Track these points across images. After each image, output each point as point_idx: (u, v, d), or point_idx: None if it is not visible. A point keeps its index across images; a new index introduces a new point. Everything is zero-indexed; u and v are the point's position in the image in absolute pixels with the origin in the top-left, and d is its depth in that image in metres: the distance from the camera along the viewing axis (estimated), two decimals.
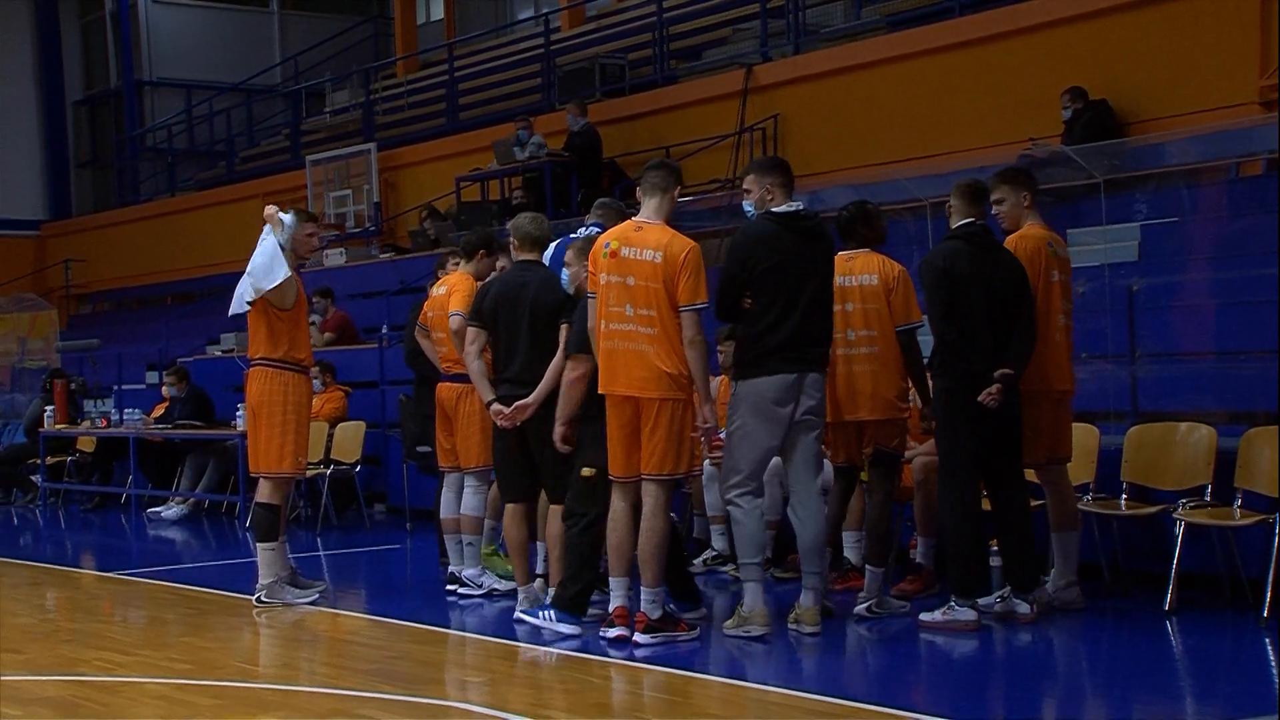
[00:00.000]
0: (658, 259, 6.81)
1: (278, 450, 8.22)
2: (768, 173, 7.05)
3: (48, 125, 26.35)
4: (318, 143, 22.00)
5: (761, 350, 6.86)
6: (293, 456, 8.21)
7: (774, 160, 7.25)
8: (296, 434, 8.21)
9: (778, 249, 6.88)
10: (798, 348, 6.84)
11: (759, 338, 6.87)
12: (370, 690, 6.27)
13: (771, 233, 6.93)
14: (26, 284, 24.33)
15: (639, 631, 6.85)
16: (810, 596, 6.94)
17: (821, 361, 6.96)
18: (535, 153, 16.27)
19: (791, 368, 6.84)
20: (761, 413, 6.84)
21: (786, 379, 6.83)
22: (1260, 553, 7.22)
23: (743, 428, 6.90)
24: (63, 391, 15.37)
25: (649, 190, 7.05)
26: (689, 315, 6.78)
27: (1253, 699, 5.76)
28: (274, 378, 8.21)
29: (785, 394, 6.83)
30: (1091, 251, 10.72)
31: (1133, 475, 7.88)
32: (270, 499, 8.29)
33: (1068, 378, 7.45)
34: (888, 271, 7.36)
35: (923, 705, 5.93)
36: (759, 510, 6.95)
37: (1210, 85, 11.88)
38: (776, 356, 6.83)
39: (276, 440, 8.21)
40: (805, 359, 6.87)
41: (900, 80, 14.17)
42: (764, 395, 6.83)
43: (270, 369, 8.23)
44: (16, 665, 6.95)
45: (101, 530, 13.67)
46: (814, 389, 6.90)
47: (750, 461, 6.89)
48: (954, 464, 7.09)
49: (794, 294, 6.84)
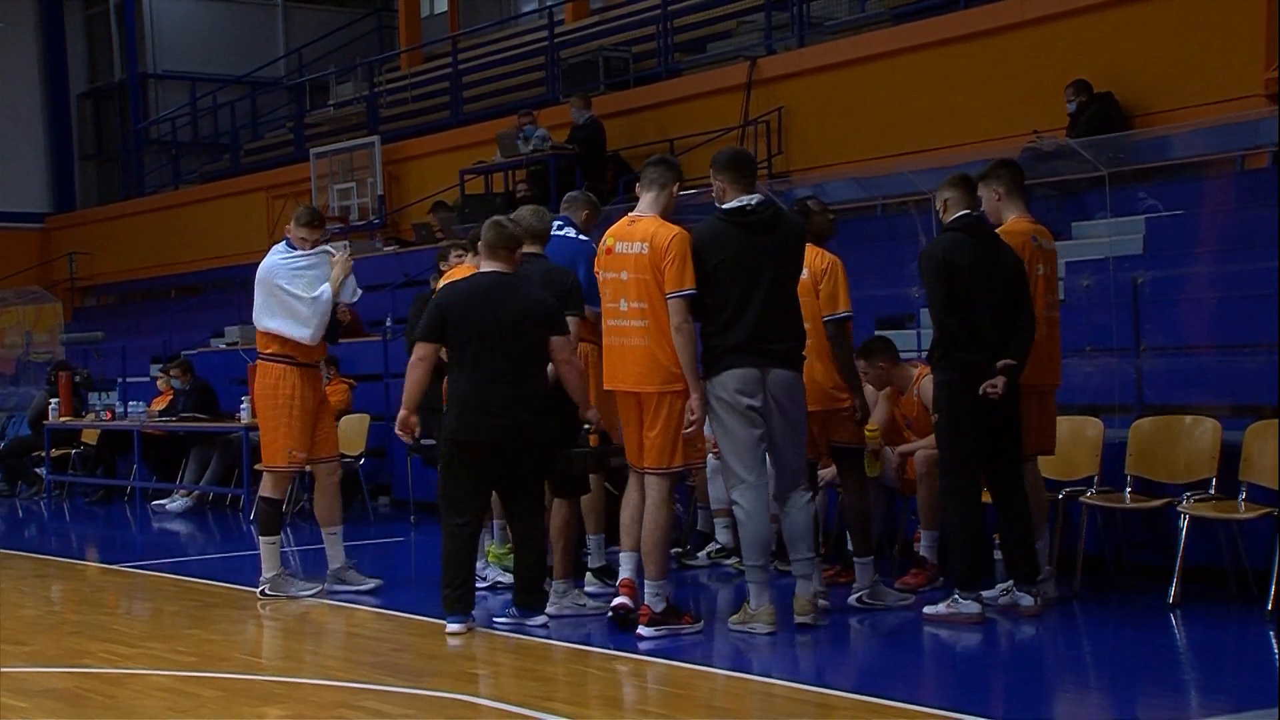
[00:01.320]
0: (644, 249, 6.92)
1: (271, 444, 8.30)
2: (721, 170, 7.01)
3: (52, 118, 26.35)
4: (322, 135, 22.00)
5: (720, 348, 6.85)
6: (285, 450, 8.25)
7: (729, 155, 7.11)
8: (289, 428, 8.23)
9: (726, 246, 6.84)
10: (756, 343, 6.79)
11: (716, 336, 6.87)
12: (375, 683, 6.28)
13: (720, 230, 6.91)
14: (31, 277, 24.34)
15: (643, 624, 6.89)
16: (802, 585, 6.94)
17: (787, 358, 6.85)
18: (539, 146, 16.26)
19: (750, 362, 6.79)
20: (730, 408, 6.81)
21: (748, 373, 6.79)
22: (1265, 546, 7.21)
23: (720, 426, 6.89)
24: (67, 384, 15.38)
25: (647, 185, 7.13)
26: (674, 302, 6.84)
27: (1257, 692, 5.75)
28: (270, 371, 8.30)
29: (747, 386, 6.79)
30: (1096, 245, 10.72)
31: (1137, 468, 7.88)
32: (269, 493, 8.35)
33: (1054, 372, 7.45)
34: (817, 264, 7.33)
35: (927, 699, 5.92)
36: (762, 507, 6.88)
37: (1215, 78, 11.86)
38: (734, 353, 6.80)
39: (270, 434, 8.31)
40: (765, 354, 6.80)
41: (905, 73, 14.15)
42: (727, 388, 6.80)
43: (269, 363, 8.32)
44: (22, 657, 6.96)
45: (106, 523, 13.68)
46: (779, 388, 6.82)
47: (739, 457, 6.85)
48: (956, 456, 7.08)
49: (747, 291, 6.80)
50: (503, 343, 7.08)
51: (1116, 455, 7.93)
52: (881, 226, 12.90)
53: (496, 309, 7.09)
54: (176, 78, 25.92)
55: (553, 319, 7.16)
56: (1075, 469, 7.99)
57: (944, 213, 7.22)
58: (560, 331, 7.16)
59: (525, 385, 7.10)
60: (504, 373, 7.08)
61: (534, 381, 7.15)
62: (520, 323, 7.08)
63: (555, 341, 7.12)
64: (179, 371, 14.39)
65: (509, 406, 7.07)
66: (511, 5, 25.66)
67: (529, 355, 7.12)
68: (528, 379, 7.12)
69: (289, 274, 8.32)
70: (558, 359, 7.14)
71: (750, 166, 7.12)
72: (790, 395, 6.87)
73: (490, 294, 7.15)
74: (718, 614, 7.43)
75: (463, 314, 7.17)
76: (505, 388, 7.06)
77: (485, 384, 7.09)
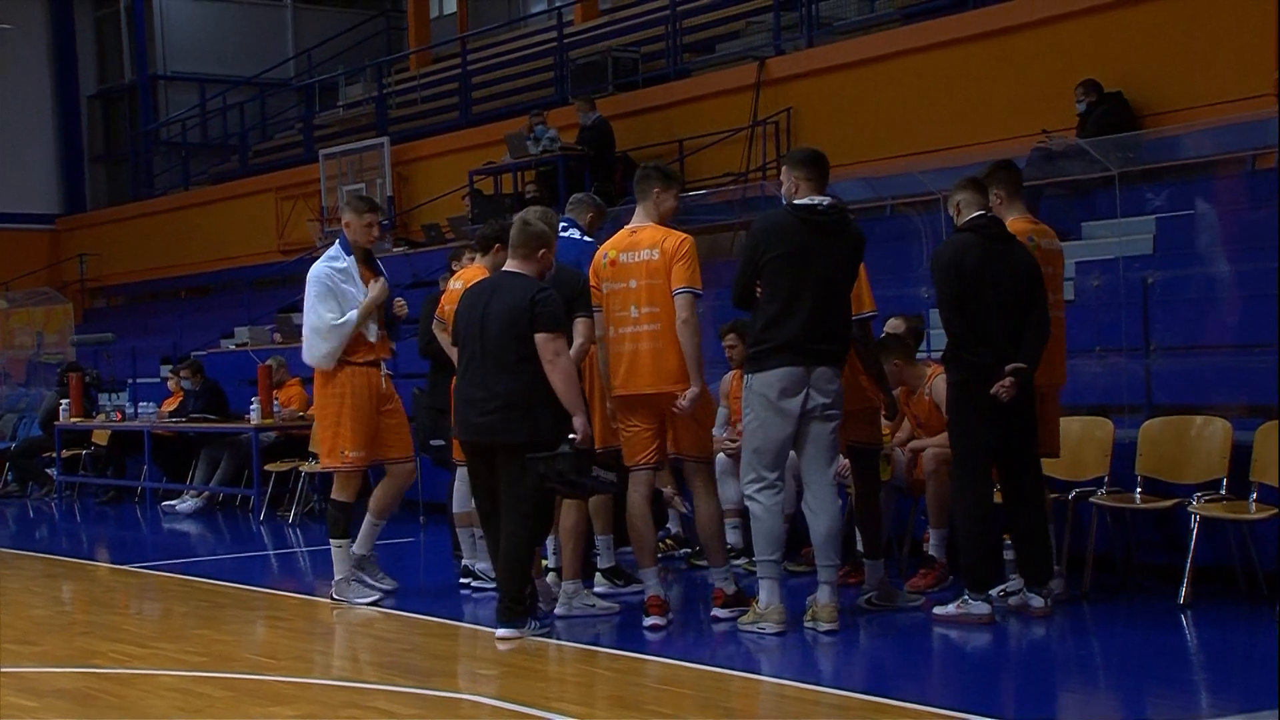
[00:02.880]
0: (654, 255, 7.07)
1: (330, 445, 8.15)
2: (796, 166, 7.06)
3: (62, 119, 26.41)
4: (331, 136, 22.03)
5: (768, 344, 6.86)
6: (338, 450, 8.08)
7: (806, 153, 7.18)
8: (338, 428, 8.06)
9: (787, 239, 6.87)
10: (803, 342, 6.81)
11: (765, 330, 6.88)
12: (384, 683, 6.29)
13: (786, 223, 6.93)
14: (41, 278, 24.41)
15: (717, 606, 7.18)
16: (826, 592, 6.94)
17: (831, 357, 6.90)
18: (548, 146, 16.26)
19: (796, 361, 6.82)
20: (770, 406, 6.84)
21: (792, 372, 6.82)
22: (1275, 546, 7.20)
23: (754, 421, 6.91)
24: (77, 385, 15.41)
25: (639, 196, 7.35)
26: (681, 298, 6.99)
27: (1268, 693, 5.73)
28: (327, 374, 8.11)
29: (792, 386, 6.82)
30: (1106, 245, 10.70)
31: (1147, 469, 7.86)
32: (336, 495, 8.19)
33: (1058, 372, 7.44)
34: None
35: (936, 699, 5.91)
36: (779, 506, 6.95)
37: (1226, 78, 11.83)
38: (782, 350, 6.82)
39: (325, 433, 8.17)
40: (811, 353, 6.82)
41: (914, 73, 14.14)
42: (771, 387, 6.83)
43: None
44: (32, 657, 6.98)
45: (116, 523, 13.70)
46: (823, 382, 6.85)
47: (765, 455, 6.89)
48: (965, 456, 7.08)
49: (799, 287, 6.82)
50: (485, 342, 7.02)
51: (1127, 455, 7.92)
52: (890, 227, 12.88)
53: (484, 308, 7.05)
54: (186, 79, 25.98)
55: (535, 318, 6.87)
56: (1085, 469, 7.97)
57: (957, 215, 7.22)
58: (545, 329, 6.89)
59: (504, 384, 6.94)
60: (484, 371, 7.01)
61: (514, 380, 6.92)
62: (499, 321, 6.96)
63: (538, 339, 6.88)
64: (189, 372, 14.41)
65: (486, 405, 6.97)
66: (520, 6, 25.68)
67: (508, 354, 6.93)
68: (507, 378, 6.93)
69: (327, 286, 8.08)
70: (542, 358, 6.88)
71: (825, 167, 7.11)
72: (830, 394, 6.87)
73: (486, 294, 7.12)
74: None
75: (461, 314, 7.21)
76: (484, 386, 7.00)
77: (470, 383, 7.09)
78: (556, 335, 6.91)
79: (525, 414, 6.92)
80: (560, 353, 6.89)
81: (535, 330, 6.89)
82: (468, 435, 7.15)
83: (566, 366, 6.91)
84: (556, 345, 6.90)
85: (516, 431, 6.92)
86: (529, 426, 6.91)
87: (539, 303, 6.91)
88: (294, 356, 14.37)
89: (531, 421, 6.91)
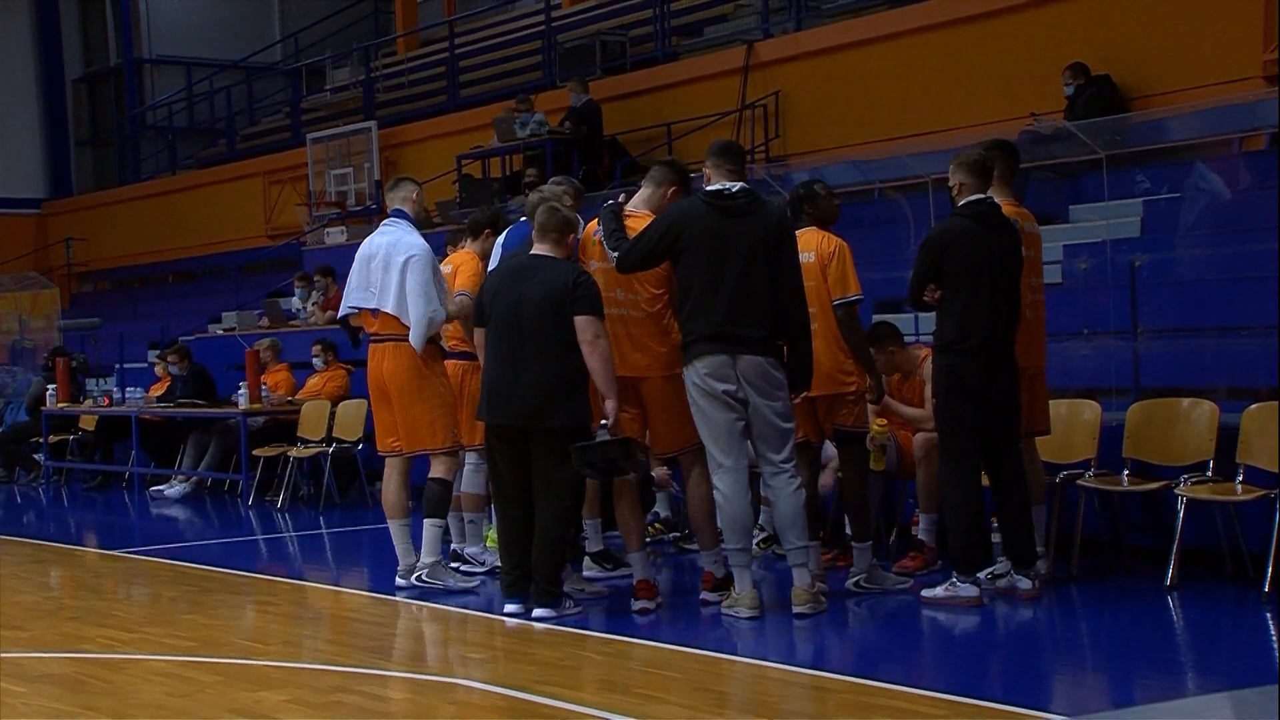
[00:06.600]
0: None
1: (443, 424, 7.84)
2: (710, 155, 7.04)
3: (47, 103, 26.28)
4: (318, 120, 21.96)
5: (692, 334, 6.84)
6: (448, 431, 7.87)
7: (720, 144, 7.12)
8: (447, 409, 7.87)
9: (696, 228, 6.82)
10: (725, 327, 6.75)
11: (688, 321, 6.86)
12: (373, 667, 6.29)
13: (697, 212, 6.88)
14: (27, 262, 24.32)
15: (705, 590, 7.21)
16: (796, 574, 6.93)
17: (759, 345, 6.77)
18: (536, 130, 16.23)
19: (719, 350, 6.75)
20: (705, 394, 6.80)
21: (717, 359, 6.76)
22: (1262, 528, 7.22)
23: (697, 412, 6.88)
24: (64, 370, 15.37)
25: (645, 181, 7.38)
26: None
27: (1253, 672, 5.76)
28: (403, 351, 7.79)
29: (718, 371, 6.76)
30: (1094, 227, 10.71)
31: (1135, 451, 7.88)
32: (444, 474, 7.92)
33: (1040, 354, 7.46)
34: (824, 247, 7.31)
35: (925, 681, 5.93)
36: (741, 492, 6.87)
37: (1213, 60, 11.84)
38: (706, 339, 6.77)
39: (434, 416, 7.83)
40: (735, 340, 6.74)
41: (902, 56, 14.13)
42: (701, 376, 6.80)
43: (405, 344, 7.82)
44: (21, 643, 6.97)
45: (104, 508, 13.69)
46: (753, 375, 6.75)
47: (716, 441, 6.84)
48: (954, 440, 7.09)
49: (715, 275, 6.77)
50: (519, 324, 7.00)
51: (1114, 438, 7.94)
52: (879, 210, 12.89)
53: (520, 291, 7.03)
54: (172, 62, 25.85)
55: (576, 300, 6.87)
56: (1073, 452, 7.99)
57: (957, 194, 7.20)
58: (586, 311, 6.88)
59: (540, 369, 6.94)
60: (519, 355, 7.00)
61: (555, 364, 6.93)
62: (539, 304, 6.96)
63: (578, 321, 6.87)
64: (176, 357, 14.38)
65: (523, 390, 6.97)
66: None
67: (548, 338, 6.92)
68: (544, 362, 6.94)
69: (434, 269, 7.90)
70: (581, 340, 6.88)
71: (738, 156, 7.13)
72: (765, 381, 6.78)
73: (519, 276, 7.10)
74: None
75: (493, 297, 7.18)
76: (520, 371, 6.98)
77: (503, 366, 7.06)
78: (596, 317, 6.91)
79: (566, 399, 6.94)
80: (600, 335, 6.89)
81: (576, 312, 6.89)
82: (502, 419, 7.06)
83: (605, 349, 6.90)
84: (596, 328, 6.89)
85: (557, 416, 6.93)
86: (569, 411, 6.95)
87: (580, 285, 6.92)
88: (286, 341, 14.43)
89: (572, 406, 6.95)
